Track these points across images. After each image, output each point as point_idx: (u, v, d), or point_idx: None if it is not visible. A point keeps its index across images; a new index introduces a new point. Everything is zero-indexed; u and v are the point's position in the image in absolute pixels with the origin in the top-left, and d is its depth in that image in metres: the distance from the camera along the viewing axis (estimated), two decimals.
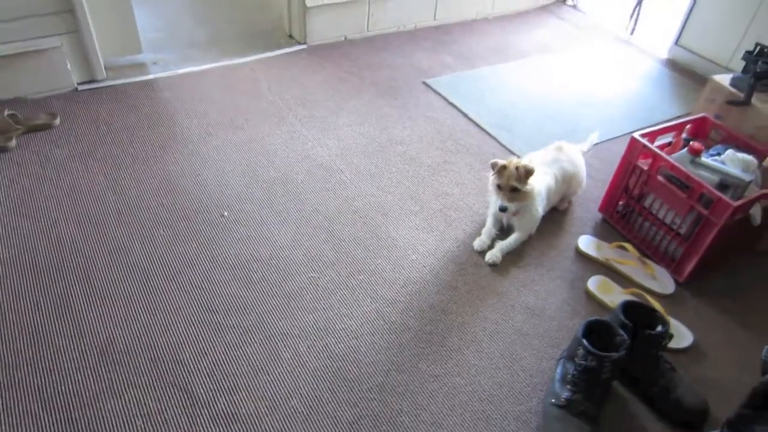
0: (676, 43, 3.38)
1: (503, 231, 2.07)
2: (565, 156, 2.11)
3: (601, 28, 3.77)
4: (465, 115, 2.73)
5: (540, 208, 1.99)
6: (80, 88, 2.60)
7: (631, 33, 3.65)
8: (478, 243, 2.01)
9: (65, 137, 2.32)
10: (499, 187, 1.89)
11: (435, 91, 2.90)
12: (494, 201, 1.96)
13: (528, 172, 1.85)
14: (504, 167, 1.86)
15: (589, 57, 3.42)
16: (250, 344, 1.63)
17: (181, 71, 2.83)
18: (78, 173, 2.15)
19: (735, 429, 1.18)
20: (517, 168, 1.85)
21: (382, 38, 3.37)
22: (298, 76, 2.91)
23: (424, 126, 2.63)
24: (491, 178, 1.94)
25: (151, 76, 2.77)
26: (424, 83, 2.96)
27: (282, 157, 2.34)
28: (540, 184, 1.97)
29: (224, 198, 2.11)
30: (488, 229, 2.04)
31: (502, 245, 1.97)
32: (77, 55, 2.54)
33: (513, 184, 1.86)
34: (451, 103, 2.81)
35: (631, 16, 3.63)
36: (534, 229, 2.03)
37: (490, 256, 1.95)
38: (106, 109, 2.50)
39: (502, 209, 1.89)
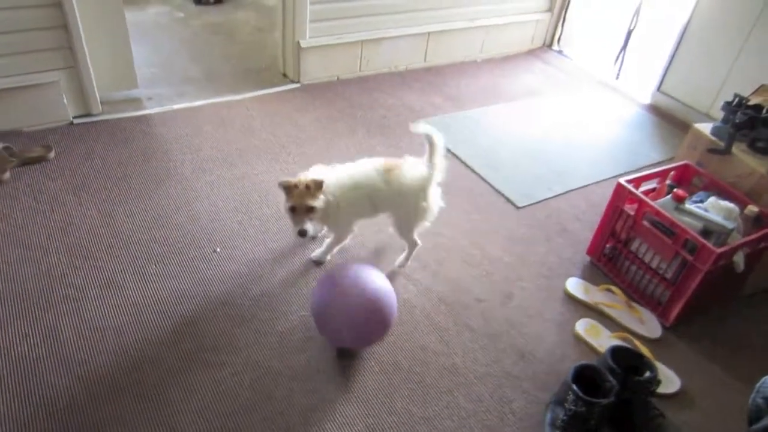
0: (658, 89, 3.50)
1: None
2: (395, 178, 1.85)
3: (586, 73, 3.90)
4: (455, 156, 2.78)
5: (343, 215, 1.85)
6: (76, 121, 2.62)
7: (617, 77, 3.77)
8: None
9: (59, 170, 2.33)
10: (293, 209, 1.72)
11: None
12: (292, 226, 1.79)
13: (318, 185, 1.72)
14: (294, 185, 1.71)
15: (574, 101, 3.53)
16: (240, 383, 1.63)
17: (176, 107, 2.87)
18: (71, 206, 2.16)
19: None
20: (307, 186, 1.70)
21: (374, 79, 3.45)
22: (291, 114, 2.96)
23: None
24: (284, 201, 1.77)
25: (146, 111, 2.80)
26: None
27: (275, 194, 2.36)
28: (332, 185, 1.79)
29: (217, 234, 2.13)
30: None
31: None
32: (74, 90, 2.57)
33: (308, 203, 1.71)
34: None
35: (616, 61, 3.76)
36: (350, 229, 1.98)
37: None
38: (101, 143, 2.52)
39: (302, 233, 1.72)
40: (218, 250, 2.06)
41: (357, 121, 2.98)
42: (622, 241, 2.06)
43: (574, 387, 1.44)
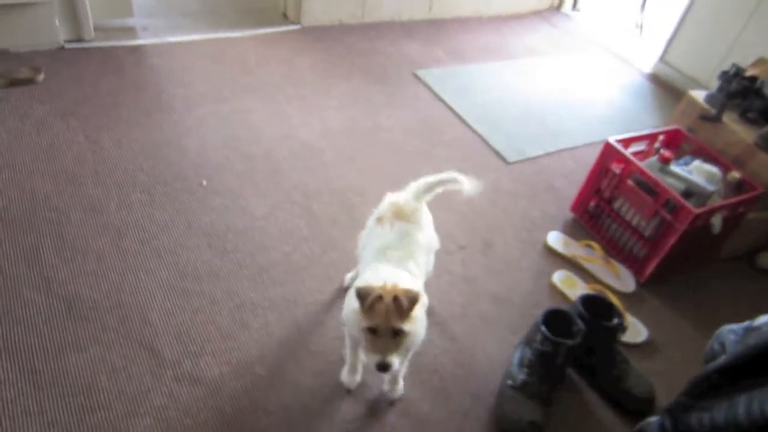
0: (661, 59, 3.46)
1: None
2: (413, 221, 1.47)
3: (591, 38, 3.85)
4: (450, 109, 2.77)
5: (424, 323, 1.32)
6: (67, 46, 2.58)
7: (640, 34, 3.70)
8: (348, 379, 1.51)
9: (48, 94, 2.30)
10: (372, 331, 1.18)
11: (424, 83, 2.93)
12: (361, 347, 1.30)
13: (412, 300, 1.16)
14: (379, 298, 1.15)
15: (575, 64, 3.50)
16: (219, 311, 1.65)
17: (171, 39, 2.82)
18: (58, 130, 2.14)
19: (673, 415, 1.25)
20: (396, 298, 1.14)
21: (376, 26, 3.39)
22: (289, 55, 2.92)
23: (410, 115, 2.66)
24: (355, 312, 1.22)
25: (140, 42, 2.75)
26: (414, 74, 2.99)
27: (266, 133, 2.36)
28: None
29: (204, 168, 2.12)
30: (352, 362, 1.49)
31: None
32: (66, 13, 2.51)
33: (396, 325, 1.16)
34: (437, 96, 2.85)
35: (636, 25, 3.70)
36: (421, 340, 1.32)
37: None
38: (92, 70, 2.48)
39: (383, 368, 1.17)
40: (204, 183, 2.06)
41: (355, 67, 2.94)
42: (605, 199, 2.07)
43: (543, 328, 1.48)
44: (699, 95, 2.23)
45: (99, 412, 1.37)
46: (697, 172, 1.88)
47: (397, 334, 1.17)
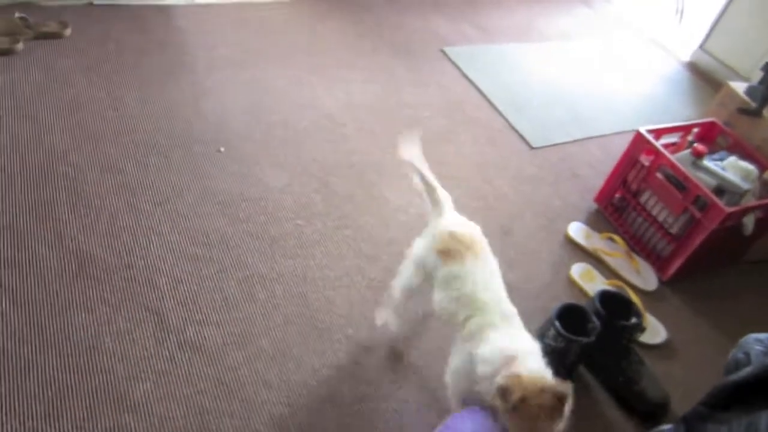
0: (701, 47, 3.32)
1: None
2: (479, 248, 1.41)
3: (627, 22, 3.70)
4: (477, 89, 2.69)
5: None
6: (95, 2, 2.55)
7: (680, 18, 3.55)
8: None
9: (73, 49, 2.28)
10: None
11: (451, 61, 2.85)
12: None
13: (563, 400, 1.07)
14: (522, 400, 1.03)
15: (609, 50, 3.37)
16: (227, 280, 1.64)
17: (199, 1, 2.77)
18: (81, 86, 2.12)
19: (689, 424, 1.20)
20: (541, 406, 1.04)
21: None
22: (315, 24, 2.86)
23: (435, 93, 2.60)
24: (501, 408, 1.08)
25: (168, 2, 2.71)
26: (442, 51, 2.91)
27: (287, 102, 2.31)
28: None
29: (223, 133, 2.09)
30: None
31: None
32: None
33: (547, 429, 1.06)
34: (465, 75, 2.77)
35: (677, 12, 3.56)
36: None
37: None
38: (119, 28, 2.45)
39: None
40: (222, 149, 2.03)
41: (382, 40, 2.87)
42: (632, 192, 2.00)
43: (557, 323, 1.43)
44: (739, 87, 2.12)
45: (100, 375, 1.36)
46: (731, 168, 1.80)
47: None
